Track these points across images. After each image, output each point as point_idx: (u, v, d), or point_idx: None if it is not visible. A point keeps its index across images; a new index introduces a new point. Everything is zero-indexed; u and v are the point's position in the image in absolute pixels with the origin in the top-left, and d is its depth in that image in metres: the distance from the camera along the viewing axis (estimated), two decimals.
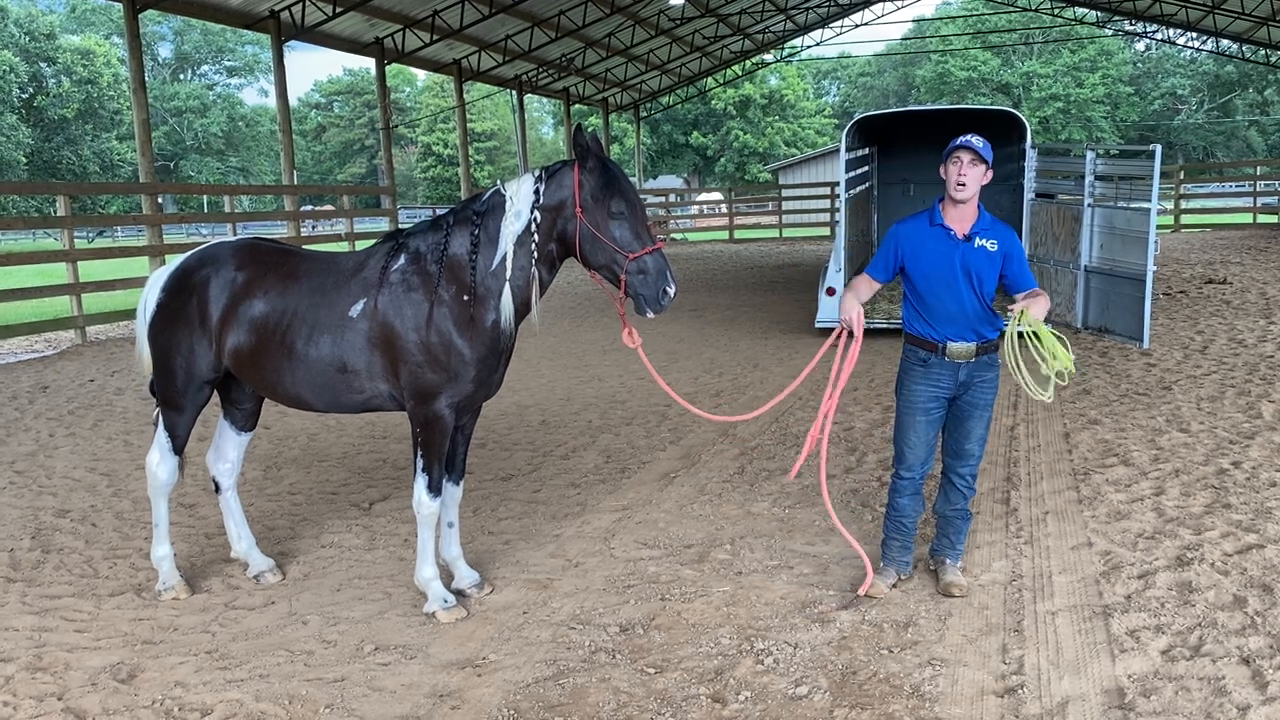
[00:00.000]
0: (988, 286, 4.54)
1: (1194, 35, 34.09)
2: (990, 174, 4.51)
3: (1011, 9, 37.26)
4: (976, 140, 4.45)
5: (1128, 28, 36.99)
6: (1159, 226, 10.94)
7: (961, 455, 4.73)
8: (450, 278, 4.47)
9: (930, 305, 4.59)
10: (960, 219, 4.55)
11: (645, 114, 42.85)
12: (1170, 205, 28.17)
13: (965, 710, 3.72)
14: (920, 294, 4.62)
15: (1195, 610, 4.45)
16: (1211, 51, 39.57)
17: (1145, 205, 10.37)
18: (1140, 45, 65.88)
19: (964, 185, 4.45)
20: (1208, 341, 11.16)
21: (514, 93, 31.81)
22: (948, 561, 4.80)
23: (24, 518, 6.32)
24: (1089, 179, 10.96)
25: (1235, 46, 34.60)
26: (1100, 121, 64.87)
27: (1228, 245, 23.46)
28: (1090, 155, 11.07)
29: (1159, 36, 36.97)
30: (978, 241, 4.52)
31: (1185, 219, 29.32)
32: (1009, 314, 4.37)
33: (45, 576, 5.32)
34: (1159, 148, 10.20)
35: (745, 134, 65.20)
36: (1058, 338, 4.31)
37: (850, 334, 4.62)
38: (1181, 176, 31.42)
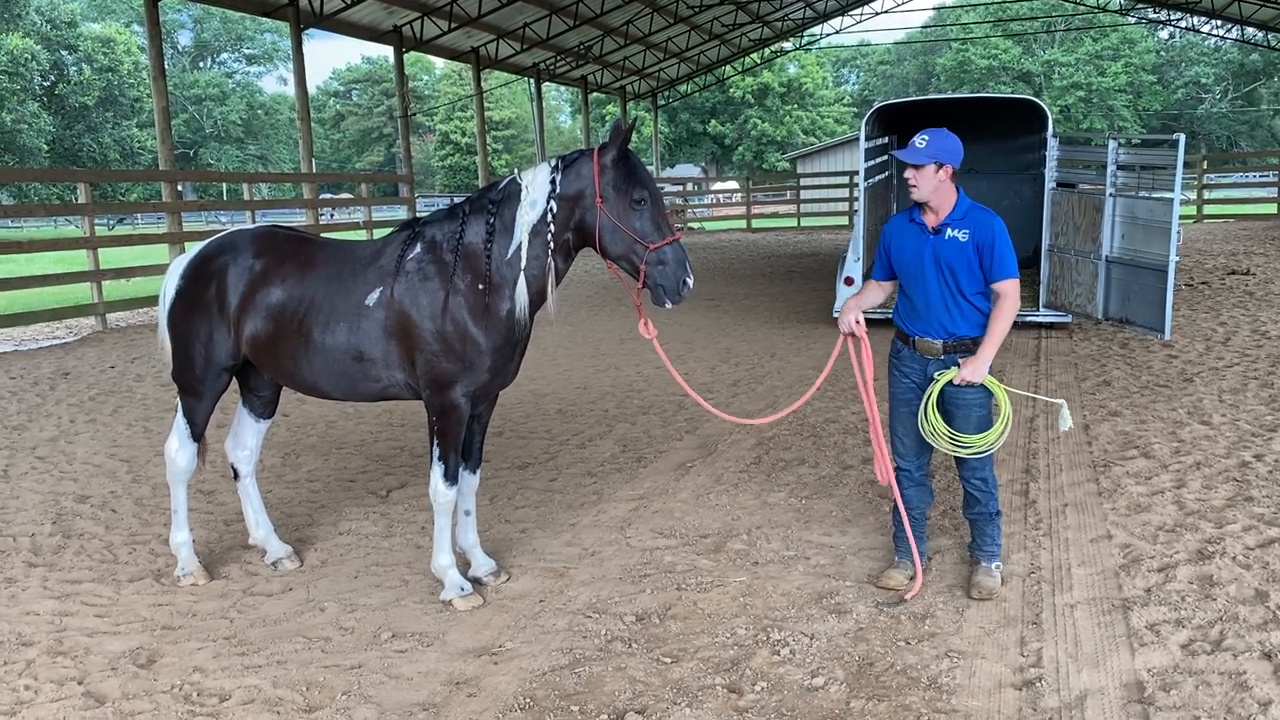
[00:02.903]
0: (961, 279, 4.48)
1: (1218, 23, 33.73)
2: (946, 168, 4.42)
3: None
4: (918, 141, 4.45)
5: (1151, 15, 36.58)
6: (1181, 217, 10.82)
7: (959, 461, 4.69)
8: (466, 267, 4.46)
9: (906, 299, 4.69)
10: (933, 213, 4.53)
11: (663, 102, 42.72)
12: (1193, 195, 27.89)
13: (983, 703, 3.70)
14: (901, 287, 4.72)
15: (1216, 604, 4.41)
16: (1236, 40, 39.08)
17: (1168, 195, 10.26)
18: (1164, 33, 65.15)
19: (914, 187, 4.49)
20: (1230, 333, 11.06)
21: (532, 81, 31.76)
22: (982, 563, 4.72)
23: (45, 503, 6.37)
24: (1111, 168, 10.85)
25: (1260, 35, 34.19)
26: (1122, 110, 64.32)
27: (1251, 236, 23.22)
28: (1112, 144, 10.96)
29: (1183, 24, 36.56)
30: (948, 233, 4.49)
31: (1208, 209, 28.99)
32: (937, 377, 4.55)
33: (66, 561, 5.37)
34: (1182, 137, 10.08)
35: (763, 122, 64.91)
36: (1006, 391, 4.58)
37: (857, 337, 4.75)
38: (1204, 166, 31.04)
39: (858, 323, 4.69)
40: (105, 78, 51.83)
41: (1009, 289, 4.45)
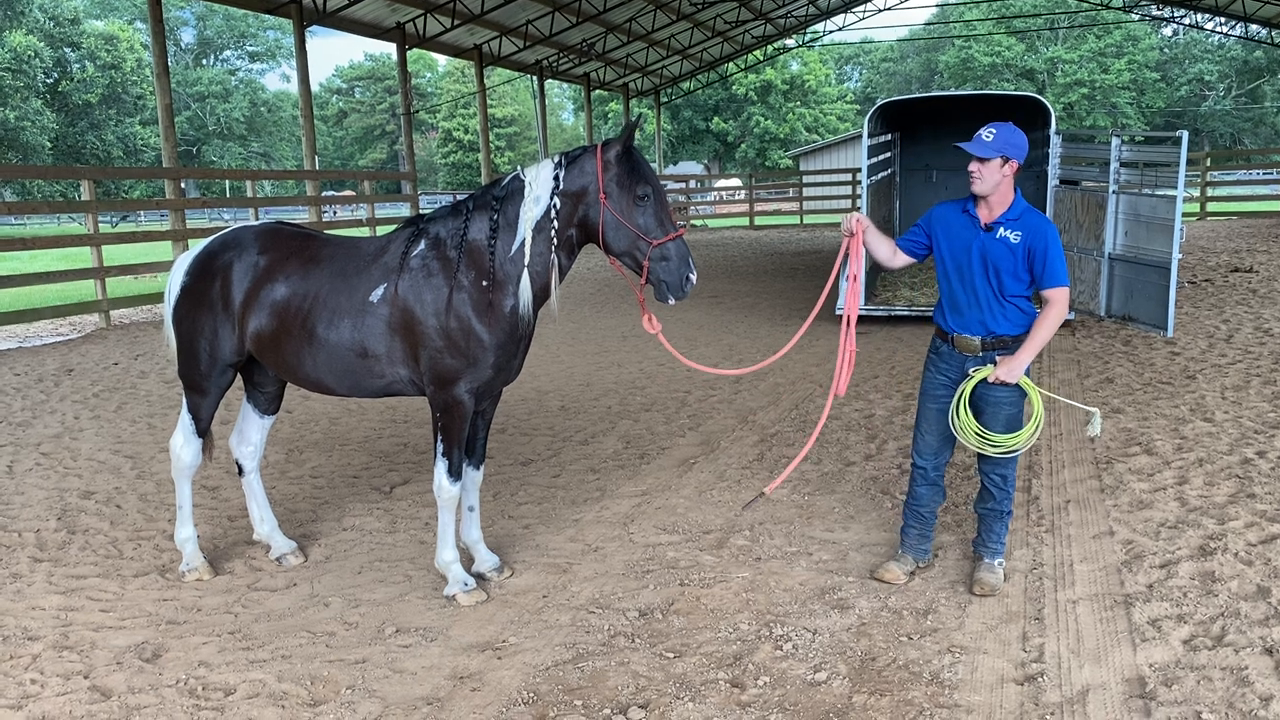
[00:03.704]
0: (1006, 280, 4.45)
1: (1222, 20, 33.67)
2: (1011, 163, 4.39)
3: None
4: (985, 134, 4.39)
5: (1155, 12, 36.53)
6: (1184, 214, 10.84)
7: (985, 455, 4.69)
8: (470, 263, 4.47)
9: (948, 292, 4.64)
10: (988, 208, 4.50)
11: (666, 99, 42.72)
12: (1196, 192, 27.87)
13: (985, 698, 3.71)
14: (942, 279, 4.66)
15: (1218, 600, 4.42)
16: (1240, 37, 39.04)
17: (1171, 192, 10.26)
18: (1167, 30, 65.15)
19: (977, 179, 4.44)
20: (1233, 330, 11.05)
21: (535, 78, 31.79)
22: (985, 559, 4.73)
23: (50, 499, 6.39)
24: (1114, 166, 10.86)
25: (1264, 32, 34.14)
26: (1126, 108, 64.25)
27: (1254, 233, 23.21)
28: (1115, 142, 10.96)
29: (1186, 21, 36.53)
30: (1000, 232, 4.44)
31: (1211, 206, 28.99)
32: (972, 373, 4.52)
33: (71, 557, 5.39)
34: (1185, 134, 10.08)
35: (766, 120, 64.91)
36: (1042, 394, 4.58)
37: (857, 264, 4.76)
38: (1208, 163, 31.06)
39: (857, 222, 4.66)
40: (108, 75, 51.86)
41: (1059, 296, 4.42)
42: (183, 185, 18.10)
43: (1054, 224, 4.55)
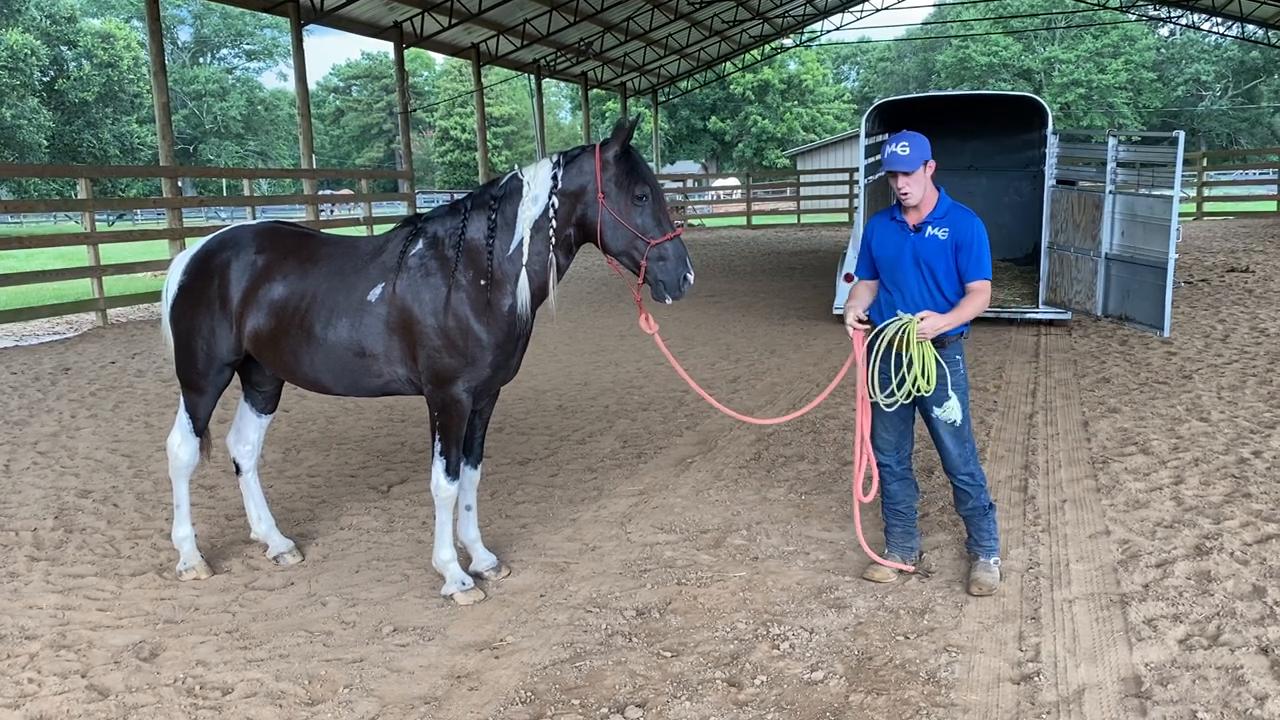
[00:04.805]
0: (940, 277, 4.57)
1: (1219, 20, 33.71)
2: (929, 164, 4.50)
3: None
4: (900, 149, 4.47)
5: (1152, 13, 36.57)
6: (1181, 214, 10.84)
7: (943, 459, 4.77)
8: (468, 263, 4.48)
9: (885, 296, 4.74)
10: (916, 210, 4.62)
11: (663, 99, 42.71)
12: (1193, 192, 27.89)
13: (981, 697, 3.72)
14: (882, 284, 4.77)
15: (1214, 599, 4.43)
16: (1237, 37, 39.06)
17: (1167, 192, 10.27)
18: (1164, 30, 65.15)
19: (907, 194, 4.54)
20: (1229, 330, 11.08)
21: (532, 77, 31.75)
22: (980, 559, 4.76)
23: (47, 498, 6.39)
24: (1111, 166, 10.87)
25: (1261, 32, 34.18)
26: (1122, 108, 64.29)
27: (1250, 233, 23.24)
28: (1112, 142, 10.97)
29: (1183, 21, 36.56)
30: (929, 231, 4.57)
31: (1208, 206, 29.01)
32: (900, 319, 4.53)
33: (68, 556, 5.38)
34: (1182, 134, 10.09)
35: (763, 119, 64.89)
36: (937, 361, 4.54)
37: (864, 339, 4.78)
38: (1204, 163, 31.07)
39: (860, 321, 4.73)
40: (105, 73, 51.69)
41: (983, 288, 4.56)
42: (179, 184, 18.08)
43: (979, 218, 4.63)
